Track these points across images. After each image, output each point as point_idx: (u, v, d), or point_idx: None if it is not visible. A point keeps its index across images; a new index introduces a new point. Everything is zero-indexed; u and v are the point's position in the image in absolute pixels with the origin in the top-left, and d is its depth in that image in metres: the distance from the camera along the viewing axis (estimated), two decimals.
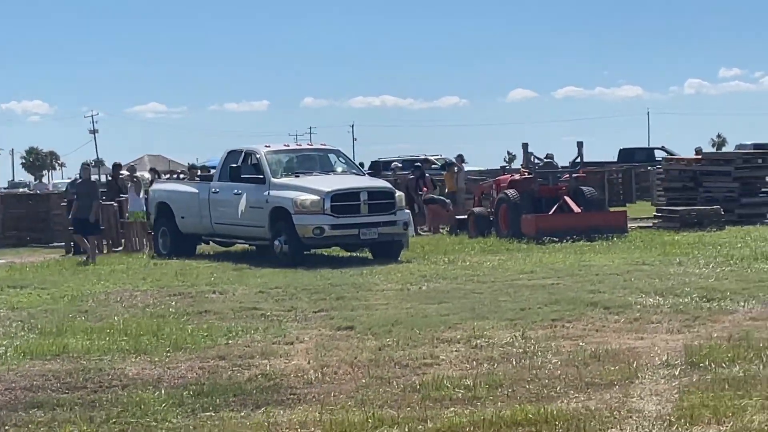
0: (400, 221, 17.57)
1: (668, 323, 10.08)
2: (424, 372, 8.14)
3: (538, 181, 22.09)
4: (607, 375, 7.70)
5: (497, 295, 12.47)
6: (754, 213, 24.90)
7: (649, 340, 9.19)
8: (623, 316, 10.58)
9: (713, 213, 23.32)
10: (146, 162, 70.48)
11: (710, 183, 25.58)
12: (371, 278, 14.81)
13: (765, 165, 26.09)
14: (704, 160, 26.34)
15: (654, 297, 11.77)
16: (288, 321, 11.07)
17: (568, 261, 16.36)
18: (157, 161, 69.79)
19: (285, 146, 18.95)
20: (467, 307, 11.53)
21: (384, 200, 17.48)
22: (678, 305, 11.11)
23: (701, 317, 10.35)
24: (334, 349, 9.26)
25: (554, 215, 21.12)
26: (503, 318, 10.69)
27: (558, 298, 11.97)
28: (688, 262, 15.63)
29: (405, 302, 12.25)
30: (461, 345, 9.25)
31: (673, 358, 8.21)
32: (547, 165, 23.15)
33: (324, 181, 17.60)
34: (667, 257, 16.40)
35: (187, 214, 19.38)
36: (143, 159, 72.33)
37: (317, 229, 16.95)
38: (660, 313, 10.68)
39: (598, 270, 14.84)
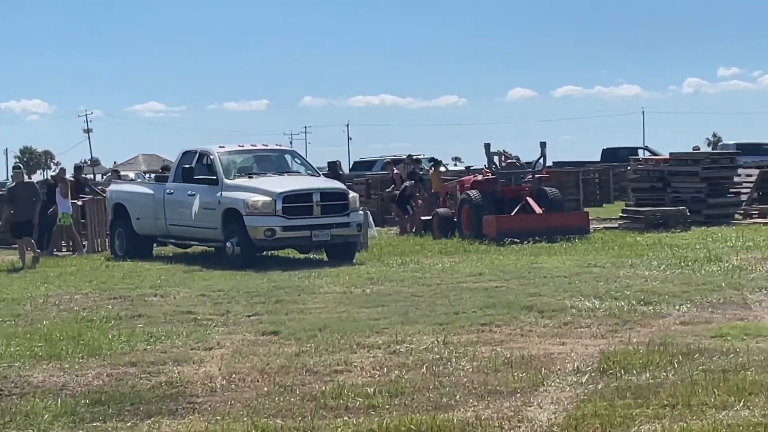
0: (354, 223, 17.40)
1: (596, 328, 9.94)
2: (331, 379, 7.98)
3: (500, 182, 21.93)
4: (514, 382, 7.55)
5: (436, 299, 12.33)
6: (722, 214, 24.76)
7: (570, 345, 9.05)
8: (554, 320, 10.44)
9: (678, 214, 23.19)
10: (141, 161, 70.20)
11: (678, 183, 25.43)
12: (317, 281, 14.65)
13: (733, 165, 25.99)
14: (672, 160, 26.18)
15: (592, 300, 11.62)
16: (216, 326, 10.89)
17: (520, 263, 16.22)
18: (152, 160, 69.56)
19: (239, 147, 18.77)
20: (401, 311, 11.38)
21: (337, 201, 17.32)
22: (612, 309, 10.97)
23: (631, 321, 10.21)
24: (251, 355, 9.09)
25: (515, 216, 20.97)
26: (433, 322, 10.53)
27: (496, 301, 11.83)
28: (641, 264, 15.49)
29: (342, 306, 12.09)
30: (380, 351, 9.09)
31: (586, 365, 8.06)
32: (510, 166, 22.97)
33: (277, 182, 17.42)
34: (620, 259, 16.26)
35: (142, 215, 19.20)
36: (138, 158, 71.98)
37: (269, 230, 16.78)
38: (592, 318, 10.54)
39: (547, 272, 14.70)
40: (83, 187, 23.62)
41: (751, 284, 12.59)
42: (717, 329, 9.43)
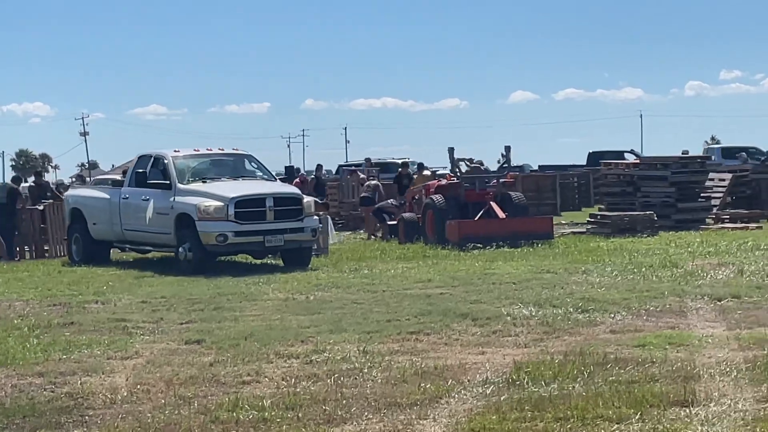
0: (308, 228, 17.21)
1: (524, 336, 9.77)
2: (236, 391, 7.79)
3: (464, 187, 21.78)
4: (417, 394, 7.37)
5: (375, 306, 12.14)
6: (691, 218, 24.61)
7: (489, 355, 8.86)
8: (485, 329, 10.27)
9: (646, 218, 23.04)
10: None
11: (648, 188, 25.30)
12: (264, 287, 14.46)
13: (703, 170, 25.85)
14: (642, 164, 26.05)
15: (530, 308, 11.44)
16: (144, 334, 10.70)
17: (473, 269, 16.03)
18: None
19: (195, 151, 18.57)
20: (335, 319, 11.19)
21: (291, 206, 17.13)
22: (547, 317, 10.79)
23: (561, 330, 10.04)
24: (164, 365, 8.90)
25: (477, 221, 20.81)
26: (362, 330, 10.35)
27: (434, 308, 11.65)
28: (594, 270, 15.32)
29: (278, 313, 11.90)
30: (296, 360, 8.91)
31: (496, 376, 7.88)
32: (474, 170, 22.83)
33: (230, 186, 17.23)
34: (576, 265, 16.08)
35: (98, 220, 19.01)
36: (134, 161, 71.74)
37: (220, 236, 16.59)
38: (524, 326, 10.36)
39: (498, 279, 14.53)
40: (45, 191, 23.41)
41: (696, 291, 12.42)
42: (642, 338, 9.25)
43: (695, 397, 6.98)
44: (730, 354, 8.42)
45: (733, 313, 10.71)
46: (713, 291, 12.33)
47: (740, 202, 28.01)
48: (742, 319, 10.38)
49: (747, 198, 27.94)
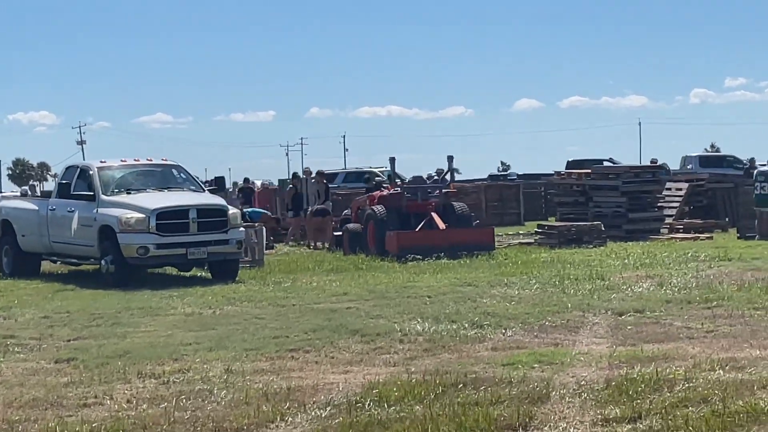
0: (234, 240, 16.91)
1: (402, 354, 9.48)
2: (72, 414, 7.49)
3: (406, 197, 21.51)
4: (251, 418, 7.07)
5: (272, 321, 11.85)
6: (643, 229, 24.37)
7: (353, 374, 8.56)
8: (368, 346, 9.98)
9: (593, 229, 22.79)
10: None
11: (600, 198, 25.07)
12: (175, 301, 14.17)
13: (655, 180, 25.61)
14: (594, 174, 25.79)
15: (427, 323, 11.15)
16: (20, 352, 10.39)
17: (397, 282, 15.77)
18: None
19: (122, 162, 18.27)
20: (223, 335, 10.90)
21: (215, 218, 16.84)
22: (439, 333, 10.50)
23: (443, 347, 9.73)
24: (18, 386, 8.59)
25: (416, 232, 20.54)
26: (245, 347, 10.04)
27: (329, 324, 11.35)
28: (518, 282, 15.05)
29: (172, 329, 11.60)
30: (154, 381, 8.60)
31: (343, 397, 7.58)
32: (416, 180, 22.56)
33: (153, 198, 16.94)
34: (503, 277, 15.81)
35: (27, 232, 18.71)
36: None
37: (141, 248, 16.29)
38: (410, 342, 10.07)
39: (415, 292, 14.27)
40: None
41: (604, 305, 12.13)
42: (516, 356, 8.96)
43: (531, 420, 6.70)
44: (593, 373, 8.12)
45: (626, 329, 10.42)
46: (620, 305, 12.05)
47: (698, 212, 27.79)
48: (631, 334, 10.10)
49: (704, 208, 27.72)
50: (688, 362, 8.40)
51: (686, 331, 10.24)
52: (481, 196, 34.99)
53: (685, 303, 12.14)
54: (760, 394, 7.17)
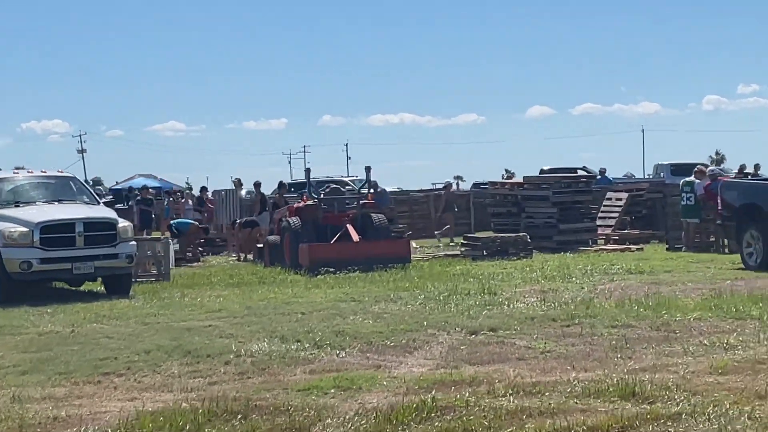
0: (123, 254, 16.45)
1: (218, 377, 9.04)
2: None
3: (322, 209, 21.09)
4: None
5: (118, 341, 11.39)
6: (574, 240, 23.95)
7: (140, 402, 8.09)
8: (189, 368, 9.52)
9: (519, 241, 22.36)
10: (159, 181, 68.98)
11: (531, 208, 24.66)
12: (40, 319, 13.73)
13: (587, 190, 25.19)
14: (526, 184, 25.36)
15: (273, 343, 10.71)
16: None
17: (282, 297, 15.35)
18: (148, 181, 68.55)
19: (14, 172, 17.84)
20: (49, 358, 10.41)
21: (104, 232, 16.38)
22: (272, 354, 10.03)
23: (264, 370, 9.24)
24: None
25: (329, 245, 20.11)
26: (59, 371, 9.57)
27: (171, 344, 10.88)
28: (406, 297, 14.62)
29: (10, 350, 11.15)
30: None
31: (106, 426, 7.15)
32: (334, 191, 22.13)
33: (40, 211, 16.48)
34: (395, 292, 15.37)
35: None
36: (135, 178, 70.71)
37: (24, 263, 15.84)
38: (234, 365, 9.59)
39: (294, 308, 13.84)
40: None
41: (467, 323, 11.65)
42: (318, 380, 8.49)
43: None
44: (384, 399, 7.68)
45: (462, 349, 9.98)
46: (482, 322, 11.60)
47: (640, 222, 27.40)
48: (464, 355, 9.65)
49: (644, 218, 27.31)
50: (488, 387, 7.96)
51: (524, 351, 9.79)
52: (429, 205, 34.55)
53: (549, 320, 11.69)
54: (530, 423, 6.73)
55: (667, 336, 10.33)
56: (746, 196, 17.80)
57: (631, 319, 11.53)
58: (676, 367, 8.64)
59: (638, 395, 7.48)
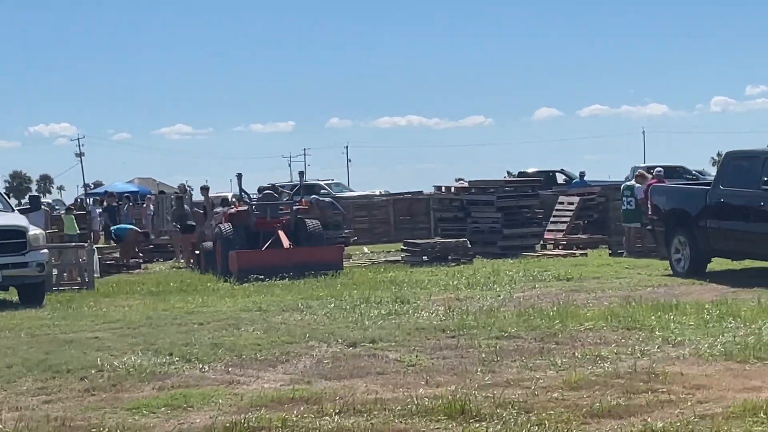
0: (33, 262, 16.09)
1: (64, 393, 8.70)
2: None
3: (255, 215, 20.74)
4: None
5: None
6: (520, 245, 23.60)
7: None
8: (38, 384, 9.18)
9: (459, 246, 22.02)
10: (136, 185, 68.53)
11: (477, 213, 24.32)
12: None
13: (533, 194, 24.86)
14: (472, 189, 25.02)
15: (144, 357, 10.36)
16: None
17: (188, 307, 15.03)
18: (147, 184, 68.19)
19: None
20: None
21: (12, 240, 16.03)
22: (135, 368, 9.69)
23: (112, 387, 8.90)
24: None
25: (258, 252, 19.74)
26: None
27: (41, 358, 10.55)
28: (316, 306, 14.32)
29: None
30: None
31: None
32: (267, 197, 21.78)
33: None
34: (308, 301, 15.02)
35: None
36: (133, 182, 70.35)
37: None
38: (88, 380, 9.25)
39: (193, 319, 13.48)
40: None
41: (353, 335, 11.29)
42: (154, 398, 8.16)
43: None
44: (208, 420, 7.35)
45: (327, 363, 9.64)
46: (369, 334, 11.25)
47: (592, 227, 27.04)
48: (324, 371, 9.30)
49: (596, 222, 26.95)
50: (321, 405, 7.62)
51: (390, 365, 9.46)
52: (389, 209, 34.22)
53: (438, 331, 11.36)
54: None
55: (544, 348, 10.01)
56: (674, 201, 17.46)
57: (522, 329, 11.22)
58: (530, 381, 8.32)
59: (467, 413, 7.16)
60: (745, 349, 9.35)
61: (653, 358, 9.26)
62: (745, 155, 16.33)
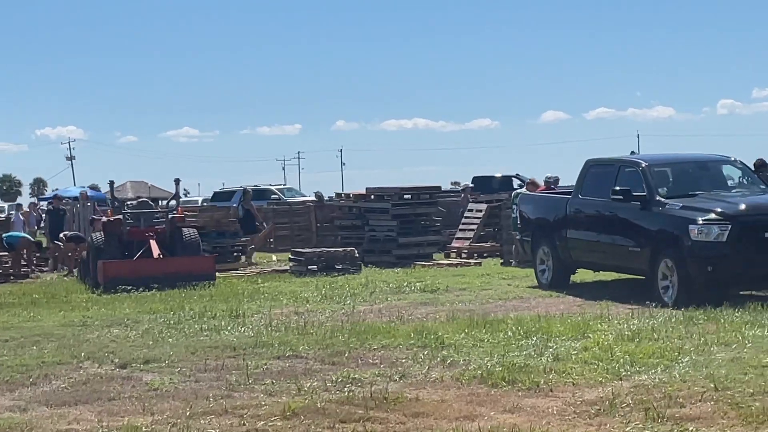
0: None
1: None
2: None
3: (127, 223, 20.15)
4: None
5: None
6: (414, 254, 23.06)
7: None
8: None
9: (347, 255, 21.46)
10: (128, 188, 67.69)
11: (374, 221, 23.78)
12: None
13: (432, 201, 24.34)
14: (369, 196, 24.48)
15: None
16: None
17: (19, 320, 14.52)
18: (140, 187, 67.42)
19: None
20: None
21: None
22: None
23: None
24: None
25: (126, 262, 19.16)
26: None
27: None
28: (146, 320, 13.84)
29: None
30: None
31: None
32: (142, 204, 21.20)
33: None
34: (142, 315, 14.47)
35: None
36: (125, 185, 69.57)
37: None
38: None
39: (11, 334, 12.92)
40: None
41: (135, 354, 10.72)
42: None
43: None
44: None
45: (66, 388, 9.10)
46: (151, 353, 10.69)
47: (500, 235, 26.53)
48: (59, 395, 8.78)
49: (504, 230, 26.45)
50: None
51: (135, 389, 8.92)
52: (311, 217, 33.65)
53: (227, 350, 10.83)
54: None
55: (311, 369, 9.52)
56: (538, 210, 16.98)
57: (316, 348, 10.72)
58: (250, 409, 7.80)
59: None
60: (505, 370, 8.85)
61: (409, 381, 8.77)
62: (602, 163, 15.86)
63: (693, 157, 15.89)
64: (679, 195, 14.21)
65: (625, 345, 10.02)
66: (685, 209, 13.69)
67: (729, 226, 13.17)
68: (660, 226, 13.91)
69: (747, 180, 15.07)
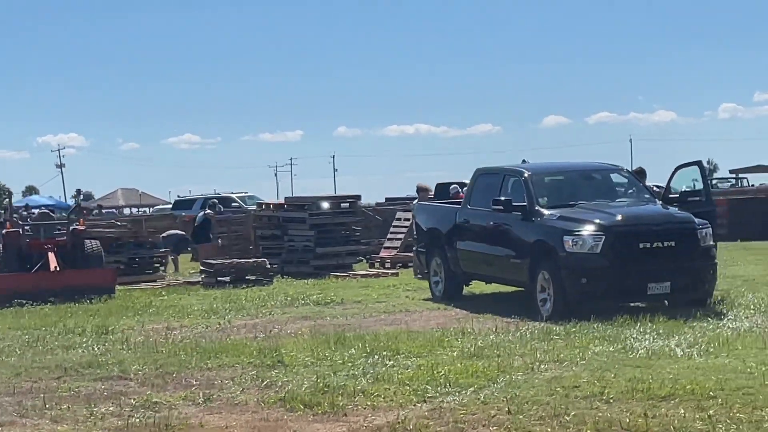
0: None
1: None
2: None
3: (26, 234, 19.69)
4: None
5: None
6: (333, 264, 22.65)
7: None
8: None
9: (258, 266, 21.04)
10: (119, 196, 66.87)
11: (293, 231, 23.37)
12: None
13: (350, 211, 23.94)
14: (288, 206, 24.06)
15: None
16: None
17: None
18: (131, 195, 66.73)
19: None
20: None
21: None
22: None
23: None
24: None
25: (19, 275, 18.69)
26: None
27: None
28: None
29: None
30: None
31: None
32: (42, 216, 20.76)
33: None
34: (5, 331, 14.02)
35: None
36: (117, 192, 68.74)
37: None
38: None
39: None
40: None
41: None
42: None
43: None
44: None
45: None
46: None
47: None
48: None
49: None
50: None
51: None
52: (248, 227, 33.16)
53: (50, 371, 10.40)
54: None
55: (124, 391, 9.08)
56: (431, 220, 16.58)
57: (153, 367, 10.30)
58: None
59: None
60: (311, 393, 8.46)
61: (210, 405, 8.38)
62: (490, 172, 15.50)
63: (580, 166, 15.54)
64: (559, 205, 13.86)
65: (459, 363, 9.65)
66: (562, 220, 13.34)
67: (603, 237, 12.84)
68: (537, 237, 13.55)
69: (633, 190, 14.70)
